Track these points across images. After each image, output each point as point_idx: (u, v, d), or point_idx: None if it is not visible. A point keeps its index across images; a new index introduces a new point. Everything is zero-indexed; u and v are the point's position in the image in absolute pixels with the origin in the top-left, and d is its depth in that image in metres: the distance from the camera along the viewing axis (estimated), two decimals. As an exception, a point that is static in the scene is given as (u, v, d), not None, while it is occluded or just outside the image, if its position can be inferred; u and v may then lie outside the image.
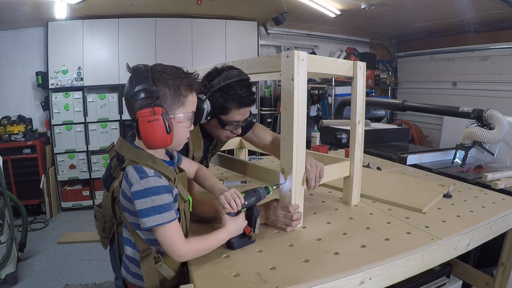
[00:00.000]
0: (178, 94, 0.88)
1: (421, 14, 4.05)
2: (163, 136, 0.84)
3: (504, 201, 1.43)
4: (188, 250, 0.86)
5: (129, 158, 0.88)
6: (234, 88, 1.19)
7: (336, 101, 4.44)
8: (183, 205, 0.95)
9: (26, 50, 4.02)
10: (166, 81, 0.86)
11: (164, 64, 0.92)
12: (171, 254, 0.85)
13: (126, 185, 0.87)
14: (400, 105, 2.98)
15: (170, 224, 0.84)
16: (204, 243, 0.90)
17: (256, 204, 1.03)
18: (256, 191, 1.03)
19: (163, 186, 0.85)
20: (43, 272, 2.74)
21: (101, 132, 4.13)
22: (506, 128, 1.99)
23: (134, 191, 0.83)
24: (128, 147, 0.91)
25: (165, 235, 0.84)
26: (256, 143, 1.59)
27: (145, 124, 0.82)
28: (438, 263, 1.12)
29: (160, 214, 0.82)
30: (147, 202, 0.82)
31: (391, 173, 1.88)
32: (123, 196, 0.89)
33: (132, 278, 0.98)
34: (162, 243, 0.85)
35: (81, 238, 3.34)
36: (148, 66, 0.88)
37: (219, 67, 1.28)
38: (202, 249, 0.89)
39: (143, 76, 0.85)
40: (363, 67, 1.30)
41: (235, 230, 0.96)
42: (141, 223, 0.83)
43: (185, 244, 0.85)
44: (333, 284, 0.85)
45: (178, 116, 0.89)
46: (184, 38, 4.30)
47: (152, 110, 0.82)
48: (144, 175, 0.84)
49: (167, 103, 0.87)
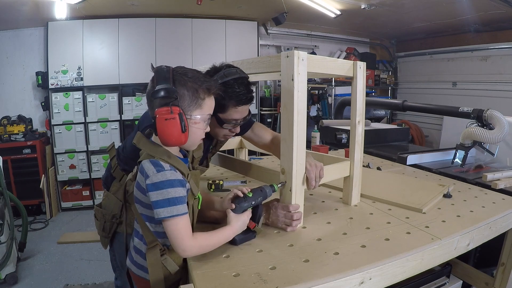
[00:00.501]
0: (196, 96, 0.92)
1: (421, 14, 4.05)
2: (178, 134, 0.88)
3: (504, 201, 1.43)
4: (194, 245, 0.87)
5: (146, 152, 0.92)
6: (232, 86, 1.19)
7: (336, 101, 4.44)
8: (192, 201, 0.98)
9: (26, 50, 4.02)
10: (186, 83, 0.90)
11: (186, 67, 0.96)
12: (176, 247, 0.87)
13: (141, 178, 0.89)
14: (400, 105, 2.98)
15: (182, 217, 0.86)
16: (210, 239, 0.91)
17: (262, 202, 1.06)
18: (263, 189, 1.05)
19: (178, 180, 0.88)
20: (43, 272, 2.74)
21: (101, 132, 4.13)
22: (506, 128, 1.99)
23: (151, 183, 0.86)
24: (146, 142, 0.95)
25: (174, 227, 0.86)
26: (255, 142, 1.59)
27: (162, 122, 0.86)
28: (438, 263, 1.11)
29: (174, 206, 0.85)
30: (163, 193, 0.84)
31: (391, 173, 1.88)
32: (138, 188, 0.92)
33: (137, 269, 1.00)
34: (170, 235, 0.86)
35: (81, 238, 3.34)
36: (170, 67, 0.92)
37: (217, 66, 1.27)
38: (207, 245, 0.91)
39: (165, 76, 0.89)
40: (363, 67, 1.30)
41: (240, 227, 0.98)
42: (155, 214, 0.85)
43: (191, 239, 0.87)
44: (333, 284, 0.85)
45: (194, 117, 0.93)
46: (184, 38, 4.30)
47: (169, 109, 0.86)
48: (160, 168, 0.87)
49: (185, 104, 0.90)
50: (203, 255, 0.92)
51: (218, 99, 1.20)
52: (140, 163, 0.92)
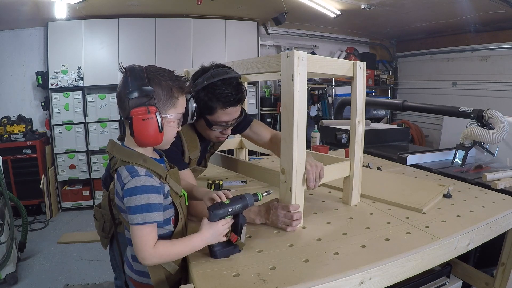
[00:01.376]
0: (170, 95, 0.91)
1: (421, 14, 4.05)
2: (155, 135, 0.87)
3: (504, 201, 1.43)
4: (154, 254, 0.84)
5: (121, 159, 0.90)
6: (220, 87, 1.18)
7: (336, 101, 4.44)
8: (178, 199, 0.97)
9: (26, 50, 4.02)
10: (160, 82, 0.89)
11: (157, 66, 0.94)
12: (136, 254, 0.85)
13: (118, 185, 0.88)
14: (400, 105, 2.98)
15: (149, 225, 0.84)
16: (171, 248, 0.86)
17: (242, 211, 0.97)
18: (243, 197, 0.97)
19: (152, 186, 0.86)
20: (43, 272, 2.74)
21: (101, 132, 4.12)
22: (506, 128, 1.99)
23: (125, 189, 0.85)
24: (119, 148, 0.93)
25: (139, 234, 0.83)
26: (254, 140, 1.58)
27: (140, 122, 0.85)
28: (438, 263, 1.11)
29: (147, 213, 0.83)
30: (136, 199, 0.84)
31: (391, 173, 1.88)
32: (117, 196, 0.91)
33: (138, 277, 1.00)
34: (133, 241, 0.85)
35: (81, 238, 3.34)
36: (142, 66, 0.91)
37: (206, 66, 1.26)
38: (169, 254, 0.87)
39: (139, 76, 0.87)
40: (363, 67, 1.30)
41: (211, 236, 0.90)
42: (129, 220, 0.84)
43: (151, 248, 0.84)
44: (333, 284, 0.85)
45: (169, 116, 0.92)
46: (184, 38, 4.30)
47: (146, 109, 0.85)
48: (135, 174, 0.86)
49: (160, 103, 0.89)
50: (203, 255, 0.93)
51: (205, 101, 1.19)
52: (117, 170, 0.90)
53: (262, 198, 1.03)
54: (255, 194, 1.01)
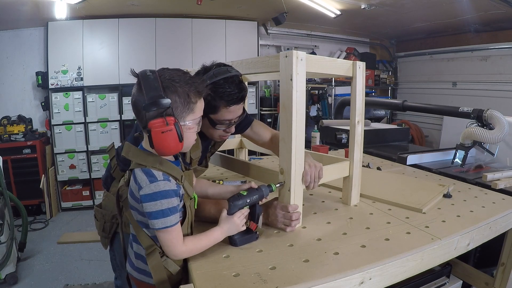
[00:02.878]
0: (188, 101, 0.89)
1: (421, 14, 4.05)
2: (175, 144, 0.86)
3: (504, 201, 1.43)
4: (184, 251, 0.90)
5: (136, 162, 0.90)
6: (222, 85, 1.18)
7: (336, 101, 4.44)
8: (189, 202, 0.97)
9: (26, 50, 4.02)
10: (176, 89, 0.86)
11: (170, 70, 0.91)
12: (168, 253, 0.90)
13: (135, 186, 0.89)
14: (400, 105, 2.98)
15: (174, 227, 0.88)
16: (198, 243, 0.93)
17: (259, 201, 1.05)
18: (259, 189, 1.05)
19: (172, 190, 0.88)
20: (43, 272, 2.74)
21: (101, 132, 4.12)
22: (506, 128, 1.99)
23: (144, 194, 0.85)
24: (135, 151, 0.92)
25: (167, 237, 0.88)
26: (255, 140, 1.58)
27: (159, 135, 0.83)
28: (438, 263, 1.11)
29: (168, 217, 0.86)
30: (156, 205, 0.85)
31: (391, 173, 1.88)
32: (131, 196, 0.92)
33: (138, 274, 1.00)
34: (163, 243, 0.89)
35: (81, 238, 3.34)
36: (156, 73, 0.87)
37: (207, 65, 1.26)
38: (197, 248, 0.93)
39: (154, 86, 0.84)
40: (362, 67, 1.30)
41: (229, 229, 0.97)
42: (150, 224, 0.86)
43: (182, 246, 0.89)
44: (333, 284, 0.85)
45: (188, 123, 0.90)
46: (184, 38, 4.30)
47: (164, 121, 0.83)
48: (153, 179, 0.86)
49: (178, 111, 0.87)
50: (203, 255, 0.93)
51: (208, 100, 1.17)
52: (132, 170, 0.90)
53: (276, 189, 1.10)
54: (269, 185, 1.08)
